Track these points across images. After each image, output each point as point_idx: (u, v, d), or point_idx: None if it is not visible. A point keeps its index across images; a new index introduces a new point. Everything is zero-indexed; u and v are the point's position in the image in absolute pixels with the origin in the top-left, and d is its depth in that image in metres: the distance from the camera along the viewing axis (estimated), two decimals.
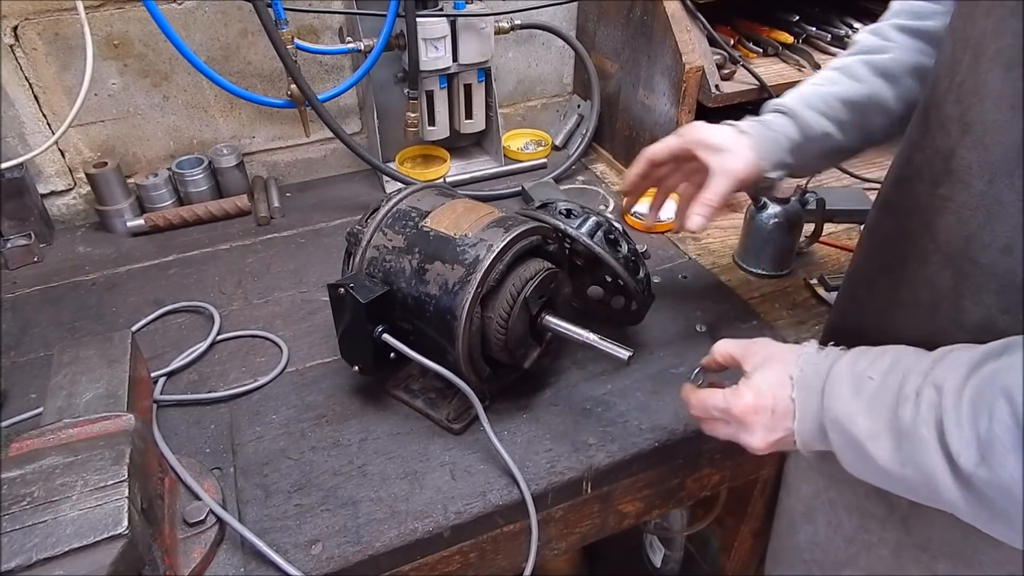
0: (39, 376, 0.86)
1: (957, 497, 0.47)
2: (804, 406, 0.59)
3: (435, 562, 0.72)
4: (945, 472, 0.47)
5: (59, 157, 1.15)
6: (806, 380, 0.60)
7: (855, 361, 0.57)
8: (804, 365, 0.60)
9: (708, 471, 0.89)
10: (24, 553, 0.49)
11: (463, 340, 0.70)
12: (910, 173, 0.64)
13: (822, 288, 1.02)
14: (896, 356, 0.55)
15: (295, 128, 1.26)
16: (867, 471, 0.55)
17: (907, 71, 0.75)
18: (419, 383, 0.83)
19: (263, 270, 1.07)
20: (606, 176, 1.35)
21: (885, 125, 0.78)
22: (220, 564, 0.65)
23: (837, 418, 0.55)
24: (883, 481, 0.54)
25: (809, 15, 1.31)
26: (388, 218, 0.78)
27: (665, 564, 1.39)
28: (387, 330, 0.74)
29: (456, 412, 0.79)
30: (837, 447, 0.56)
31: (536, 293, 0.73)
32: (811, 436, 0.59)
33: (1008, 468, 0.43)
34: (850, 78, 0.78)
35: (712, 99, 1.10)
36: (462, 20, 1.16)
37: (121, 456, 0.56)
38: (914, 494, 0.52)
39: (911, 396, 0.50)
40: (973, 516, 0.48)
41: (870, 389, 0.54)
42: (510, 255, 0.72)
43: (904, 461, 0.50)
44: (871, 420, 0.53)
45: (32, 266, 1.09)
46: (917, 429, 0.49)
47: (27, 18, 1.03)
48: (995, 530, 0.48)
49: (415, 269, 0.74)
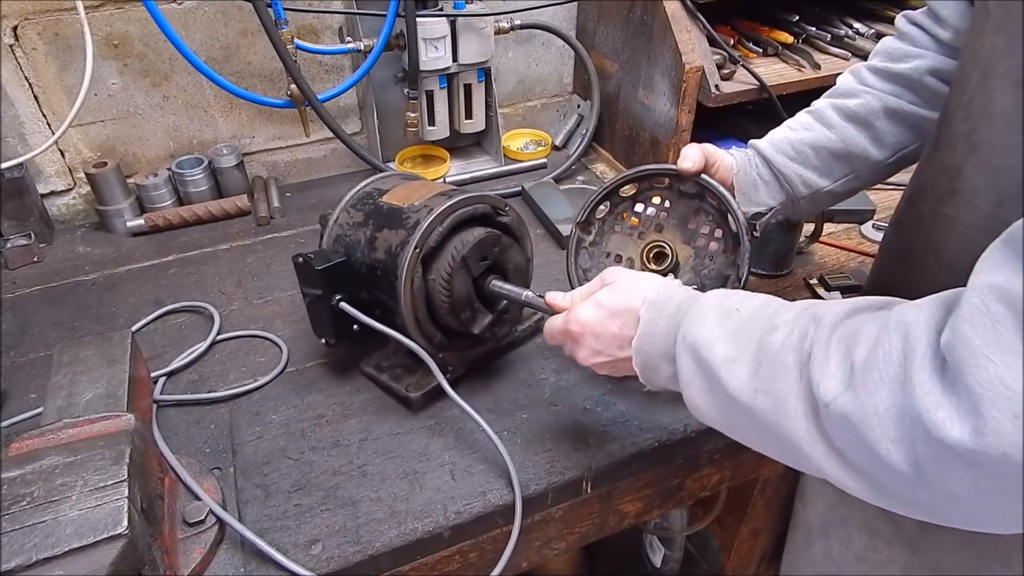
0: (39, 376, 0.86)
1: (800, 427, 0.46)
2: (649, 325, 0.57)
3: (435, 562, 0.72)
4: (798, 398, 0.46)
5: (59, 157, 1.15)
6: (659, 303, 0.58)
7: (724, 296, 0.56)
8: (661, 290, 0.59)
9: (708, 471, 0.89)
10: (24, 553, 0.49)
11: (406, 300, 0.73)
12: (917, 191, 0.64)
13: (822, 288, 1.02)
14: (768, 298, 0.54)
15: (295, 128, 1.26)
16: (712, 402, 0.53)
17: (877, 115, 0.76)
18: (389, 361, 0.86)
19: (263, 270, 1.07)
20: (606, 176, 1.35)
21: (870, 168, 0.79)
22: (220, 564, 0.65)
23: (694, 343, 0.53)
24: (726, 412, 0.52)
25: (809, 15, 1.31)
26: (353, 199, 0.83)
27: (665, 564, 1.39)
28: (345, 299, 0.77)
29: (417, 384, 0.81)
30: (684, 374, 0.54)
31: (476, 254, 0.75)
32: (652, 359, 0.57)
33: (877, 397, 0.41)
34: (822, 124, 0.79)
35: (712, 99, 1.10)
36: (462, 20, 1.16)
37: (121, 456, 0.56)
38: (755, 425, 0.50)
39: (781, 326, 0.49)
40: (809, 449, 0.46)
41: (736, 319, 0.53)
42: (451, 219, 0.75)
43: (757, 387, 0.49)
44: (730, 347, 0.51)
45: (32, 266, 1.09)
46: (782, 354, 0.48)
47: (27, 18, 1.03)
48: (822, 467, 0.46)
49: (368, 238, 0.78)
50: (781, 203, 0.82)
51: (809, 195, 0.81)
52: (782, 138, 0.81)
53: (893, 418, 0.40)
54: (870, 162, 0.78)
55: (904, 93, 0.75)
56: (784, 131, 0.82)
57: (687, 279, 0.82)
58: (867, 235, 1.14)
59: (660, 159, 1.21)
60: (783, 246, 1.03)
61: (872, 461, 0.42)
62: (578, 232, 0.85)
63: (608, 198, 0.85)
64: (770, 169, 0.81)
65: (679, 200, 0.85)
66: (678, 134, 1.15)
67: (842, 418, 0.43)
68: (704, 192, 0.82)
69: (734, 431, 0.54)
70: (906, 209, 0.67)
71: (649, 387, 0.61)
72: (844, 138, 0.77)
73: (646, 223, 0.86)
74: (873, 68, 0.78)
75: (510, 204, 0.81)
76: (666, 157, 1.19)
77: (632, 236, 0.86)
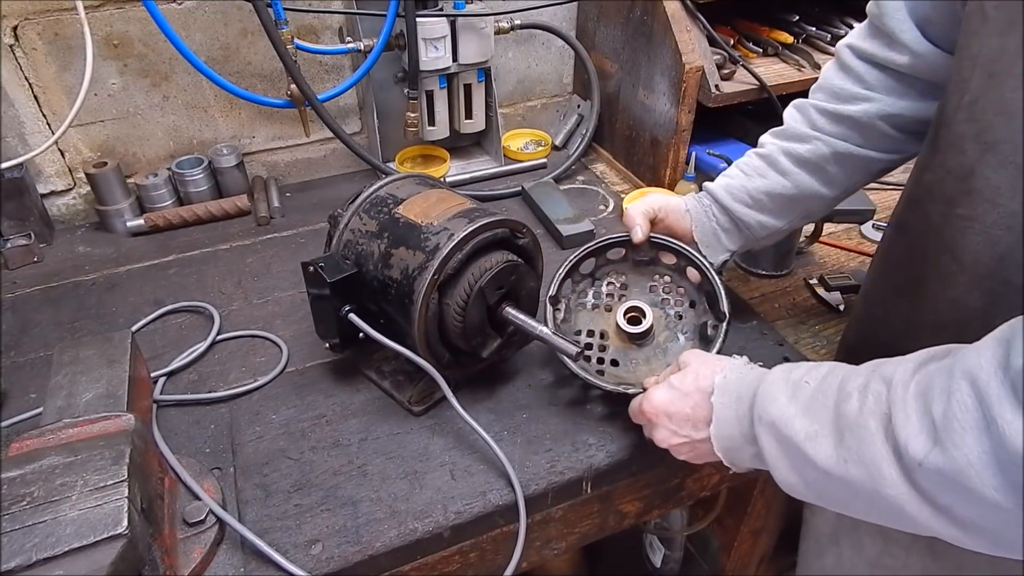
0: (39, 376, 0.86)
1: (901, 491, 0.46)
2: (724, 410, 0.59)
3: (435, 562, 0.72)
4: (891, 463, 0.46)
5: (59, 157, 1.15)
6: (728, 386, 0.59)
7: (789, 371, 0.56)
8: (728, 372, 0.61)
9: (708, 471, 0.89)
10: (24, 553, 0.48)
11: (419, 324, 0.73)
12: (920, 194, 0.63)
13: (822, 288, 1.02)
14: (832, 365, 0.54)
15: (295, 128, 1.26)
16: (803, 477, 0.53)
17: (827, 160, 0.76)
18: (391, 365, 0.85)
19: (263, 270, 1.07)
20: (606, 176, 1.35)
21: (823, 206, 0.82)
22: (220, 564, 0.65)
23: (772, 422, 0.54)
24: (820, 486, 0.53)
25: (809, 15, 1.31)
26: (366, 203, 0.81)
27: (665, 564, 1.39)
28: (354, 310, 0.77)
29: (419, 395, 0.81)
30: (770, 453, 0.55)
31: (493, 284, 0.74)
32: (734, 442, 0.58)
33: (965, 448, 0.41)
34: (776, 171, 0.80)
35: (712, 99, 1.10)
36: (462, 20, 1.16)
37: (121, 456, 0.56)
38: (852, 495, 0.50)
39: (854, 392, 0.49)
40: (915, 512, 0.46)
41: (807, 392, 0.53)
42: (471, 245, 0.73)
43: (846, 457, 0.49)
44: (809, 421, 0.51)
45: (32, 266, 1.09)
46: (863, 421, 0.48)
47: (27, 18, 1.03)
48: (933, 527, 0.46)
49: (382, 253, 0.76)
50: (740, 246, 0.85)
51: (765, 236, 0.84)
52: (739, 186, 0.82)
53: (989, 465, 0.40)
54: (823, 201, 0.80)
55: (852, 136, 0.74)
56: (739, 178, 0.83)
57: (664, 337, 0.84)
58: (867, 235, 1.14)
59: (660, 159, 1.21)
60: (783, 246, 1.03)
61: (982, 512, 0.42)
62: (550, 307, 0.85)
63: (569, 275, 0.87)
64: (729, 217, 0.83)
65: (634, 270, 0.89)
66: (678, 134, 1.16)
67: (938, 475, 0.43)
68: (658, 255, 0.87)
69: (835, 504, 0.53)
70: (908, 212, 0.66)
71: (735, 470, 0.62)
72: (798, 184, 0.78)
73: (608, 300, 0.88)
74: (821, 109, 0.76)
75: (527, 226, 0.80)
76: (666, 157, 1.19)
77: (599, 310, 0.88)
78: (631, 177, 1.32)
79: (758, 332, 0.94)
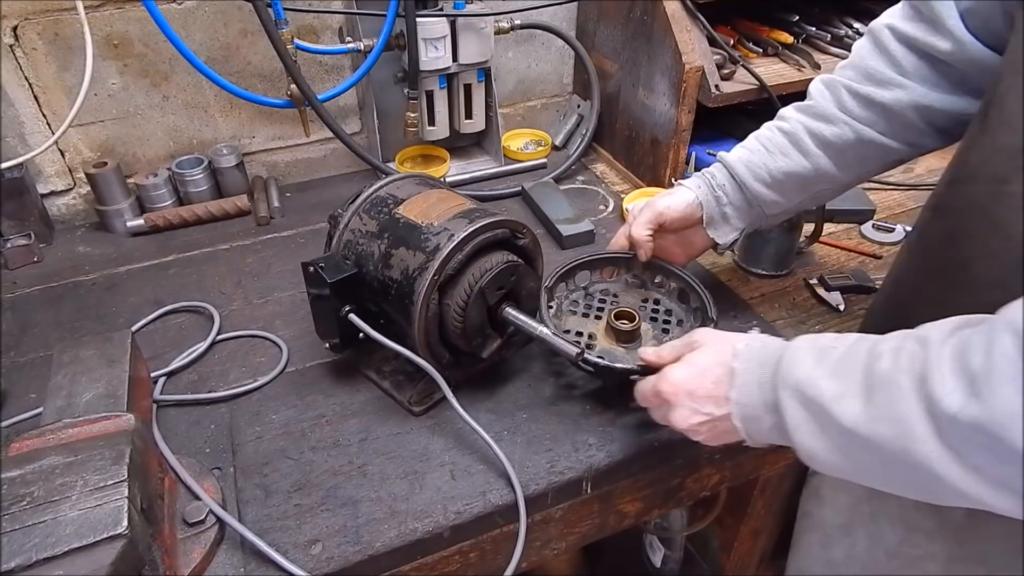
0: (39, 376, 0.86)
1: (931, 449, 0.44)
2: (746, 375, 0.57)
3: (435, 562, 0.72)
4: (922, 419, 0.45)
5: (59, 157, 1.15)
6: (751, 352, 0.58)
7: (816, 338, 0.56)
8: (751, 340, 0.60)
9: (708, 471, 0.89)
10: (24, 553, 0.49)
11: (419, 325, 0.73)
12: (965, 174, 0.62)
13: (822, 288, 1.02)
14: (860, 336, 0.53)
15: (295, 128, 1.26)
16: (826, 442, 0.52)
17: (850, 144, 0.75)
18: (391, 365, 0.85)
19: (263, 270, 1.07)
20: (606, 176, 1.35)
21: (833, 189, 0.81)
22: (220, 564, 0.65)
23: (796, 384, 0.53)
24: (843, 451, 0.51)
25: (809, 15, 1.31)
26: (366, 203, 0.81)
27: (665, 564, 1.39)
28: (355, 310, 0.77)
29: (419, 396, 0.81)
30: (792, 418, 0.53)
31: (494, 285, 0.74)
32: (755, 410, 0.57)
33: (1004, 399, 0.40)
34: (799, 152, 0.78)
35: (712, 99, 1.10)
36: (462, 20, 1.16)
37: (121, 456, 0.56)
38: (878, 458, 0.49)
39: (886, 353, 0.49)
40: (944, 471, 0.44)
41: (835, 356, 0.52)
42: (471, 246, 0.73)
43: (875, 416, 0.47)
44: (836, 382, 0.50)
45: (32, 266, 1.09)
46: (895, 378, 0.47)
47: (27, 18, 1.03)
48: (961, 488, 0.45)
49: (383, 253, 0.76)
50: (748, 224, 0.85)
51: (773, 215, 0.84)
52: (760, 163, 0.80)
53: None
54: (836, 184, 0.80)
55: (879, 123, 0.73)
56: (760, 154, 0.81)
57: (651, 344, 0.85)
58: (867, 235, 1.14)
59: (660, 159, 1.21)
60: (783, 246, 1.03)
61: (1015, 471, 0.41)
62: (545, 297, 0.85)
63: (564, 280, 0.90)
64: (743, 195, 0.82)
65: (626, 290, 0.93)
66: (678, 134, 1.16)
67: (974, 429, 0.42)
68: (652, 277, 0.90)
69: (856, 471, 0.52)
70: (951, 193, 0.64)
71: (751, 443, 0.60)
72: (817, 166, 0.78)
73: (599, 311, 0.91)
74: (852, 91, 0.74)
75: (528, 226, 0.80)
76: (666, 157, 1.19)
77: (588, 318, 0.90)
78: (631, 177, 1.32)
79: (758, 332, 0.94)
